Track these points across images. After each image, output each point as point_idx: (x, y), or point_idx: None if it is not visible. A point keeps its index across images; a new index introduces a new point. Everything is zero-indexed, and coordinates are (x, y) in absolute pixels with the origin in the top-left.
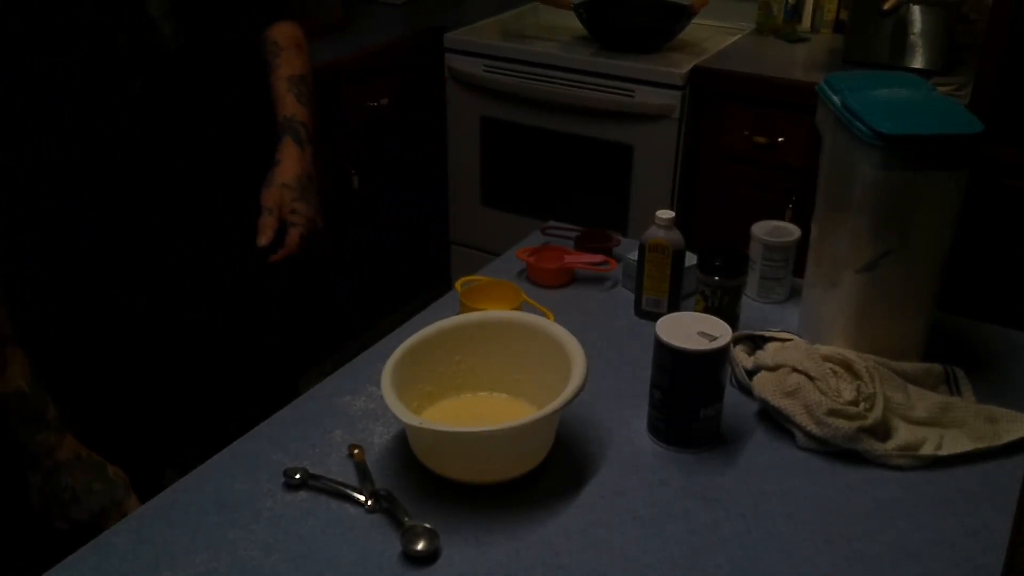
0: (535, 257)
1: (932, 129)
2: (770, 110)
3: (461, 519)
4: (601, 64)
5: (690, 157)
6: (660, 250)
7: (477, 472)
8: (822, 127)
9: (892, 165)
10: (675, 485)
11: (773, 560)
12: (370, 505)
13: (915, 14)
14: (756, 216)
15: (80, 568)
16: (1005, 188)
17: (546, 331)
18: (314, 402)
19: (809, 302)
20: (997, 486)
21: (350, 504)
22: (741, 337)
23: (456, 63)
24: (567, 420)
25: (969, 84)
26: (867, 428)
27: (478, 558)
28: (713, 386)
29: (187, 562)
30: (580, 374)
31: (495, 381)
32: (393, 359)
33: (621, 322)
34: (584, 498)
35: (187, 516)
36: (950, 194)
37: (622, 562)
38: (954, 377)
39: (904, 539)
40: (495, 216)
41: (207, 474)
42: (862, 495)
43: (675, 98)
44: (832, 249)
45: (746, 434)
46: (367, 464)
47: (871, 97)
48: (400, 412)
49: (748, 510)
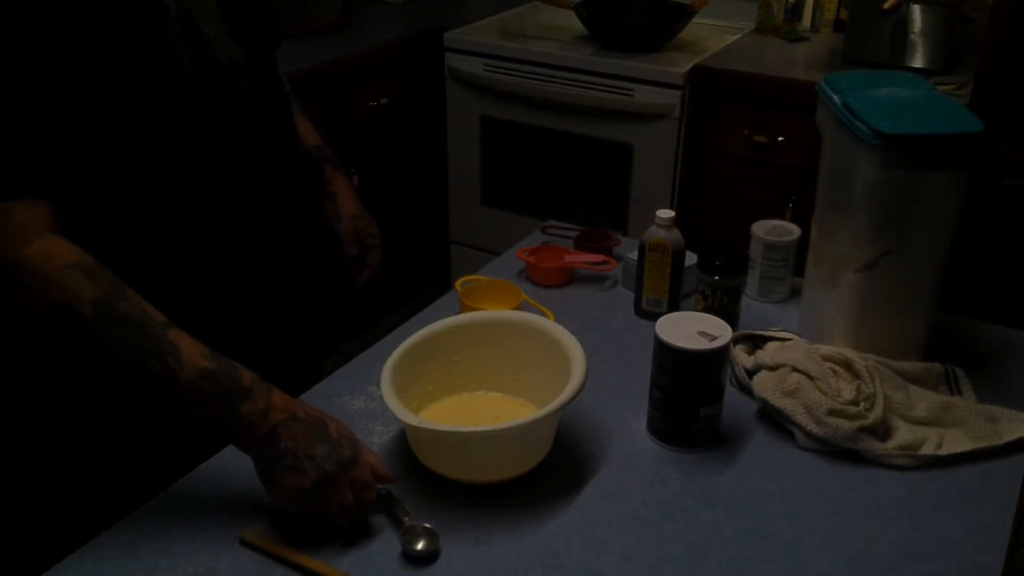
0: (535, 257)
1: (932, 129)
2: (770, 110)
3: (461, 519)
4: (601, 64)
5: (690, 157)
6: (660, 250)
7: (477, 472)
8: (822, 127)
9: (892, 165)
10: (675, 485)
11: (773, 560)
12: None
13: (915, 13)
14: (756, 216)
15: (80, 568)
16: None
17: (546, 331)
18: (314, 402)
19: (809, 302)
20: (997, 486)
21: None
22: (741, 337)
23: (456, 63)
24: (567, 420)
25: (969, 84)
26: (867, 428)
27: (478, 558)
28: (713, 386)
29: (187, 562)
30: (580, 374)
31: (495, 381)
32: (393, 359)
33: (621, 322)
34: (584, 498)
35: (187, 516)
36: (950, 194)
37: (622, 562)
38: (954, 377)
39: (904, 539)
40: (495, 215)
41: (207, 474)
42: (862, 495)
43: (675, 98)
44: (832, 249)
45: (746, 434)
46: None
47: (871, 97)
48: (400, 412)
49: (748, 510)
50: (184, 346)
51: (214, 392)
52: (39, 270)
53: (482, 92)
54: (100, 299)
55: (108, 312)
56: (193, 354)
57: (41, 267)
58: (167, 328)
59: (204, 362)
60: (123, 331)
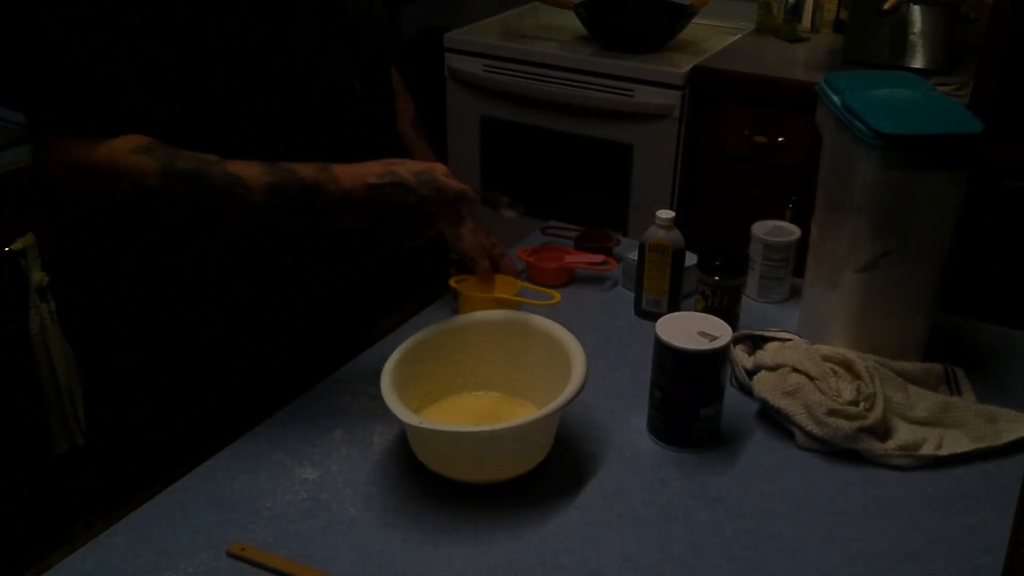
0: (535, 257)
1: (932, 129)
2: (770, 110)
3: (461, 519)
4: (601, 64)
5: (690, 157)
6: (660, 250)
7: (477, 472)
8: (822, 127)
9: (892, 165)
10: (675, 485)
11: (773, 560)
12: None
13: (915, 14)
14: (756, 216)
15: (80, 568)
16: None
17: (546, 331)
18: (314, 402)
19: (809, 302)
20: (997, 486)
21: (350, 504)
22: (741, 337)
23: (456, 63)
24: (567, 420)
25: (969, 84)
26: (867, 428)
27: (478, 558)
28: (713, 386)
29: (187, 562)
30: (580, 374)
31: (495, 381)
32: (393, 359)
33: (621, 322)
34: (584, 498)
35: (187, 516)
36: (950, 194)
37: (622, 562)
38: (954, 377)
39: (904, 539)
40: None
41: (207, 474)
42: (862, 495)
43: (675, 98)
44: (832, 249)
45: (746, 434)
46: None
47: (871, 97)
48: (400, 412)
49: (748, 510)
50: (243, 171)
51: (288, 203)
52: (108, 167)
53: (482, 92)
54: (162, 169)
55: (172, 175)
56: (253, 174)
57: (109, 164)
58: (221, 164)
59: (265, 178)
60: (191, 185)
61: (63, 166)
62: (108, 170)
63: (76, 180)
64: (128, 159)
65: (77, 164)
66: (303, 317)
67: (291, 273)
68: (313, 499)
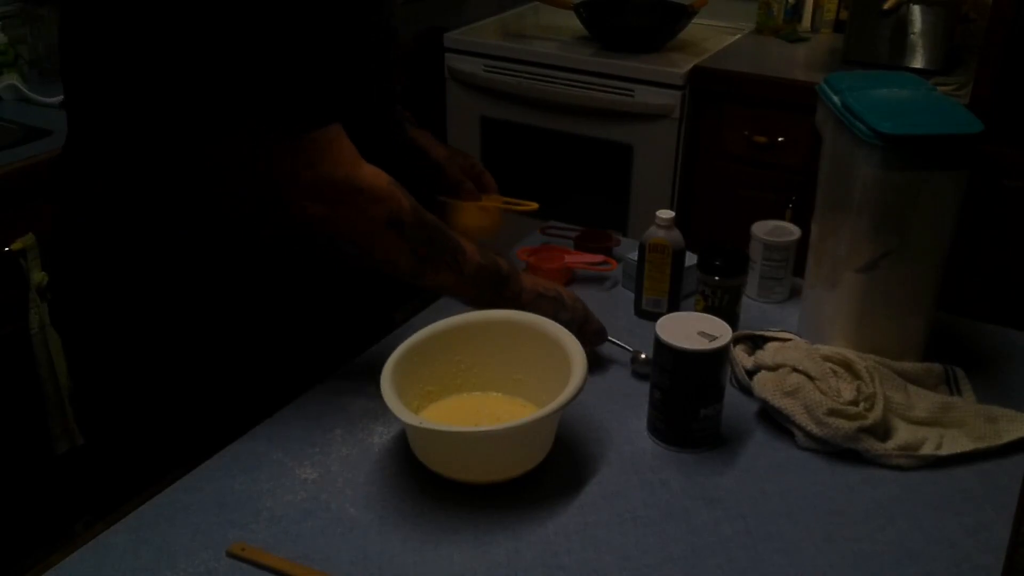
0: (535, 257)
1: (932, 129)
2: (770, 110)
3: (461, 519)
4: (601, 64)
5: (690, 157)
6: (660, 250)
7: (477, 472)
8: (822, 127)
9: (892, 165)
10: (675, 485)
11: (773, 560)
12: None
13: (915, 14)
14: (756, 216)
15: (80, 568)
16: (1005, 188)
17: (546, 331)
18: (314, 402)
19: (809, 302)
20: (997, 486)
21: (350, 504)
22: (741, 337)
23: (456, 63)
24: (567, 420)
25: (969, 84)
26: (867, 428)
27: (478, 558)
28: (713, 386)
29: (187, 562)
30: (580, 374)
31: (495, 381)
32: (393, 359)
33: (621, 322)
34: (584, 498)
35: (187, 516)
36: (950, 194)
37: (622, 562)
38: (954, 377)
39: (904, 539)
40: None
41: (207, 474)
42: (862, 495)
43: (675, 98)
44: (832, 249)
45: (746, 434)
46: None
47: (871, 97)
48: (400, 412)
49: (748, 510)
50: (464, 245)
51: (484, 283)
52: (373, 187)
53: (482, 92)
54: (413, 208)
55: (420, 218)
56: (469, 251)
57: (374, 185)
58: (449, 231)
59: (478, 258)
60: (429, 233)
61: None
62: (372, 193)
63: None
64: (390, 188)
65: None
66: (304, 318)
67: (292, 274)
68: (313, 499)
